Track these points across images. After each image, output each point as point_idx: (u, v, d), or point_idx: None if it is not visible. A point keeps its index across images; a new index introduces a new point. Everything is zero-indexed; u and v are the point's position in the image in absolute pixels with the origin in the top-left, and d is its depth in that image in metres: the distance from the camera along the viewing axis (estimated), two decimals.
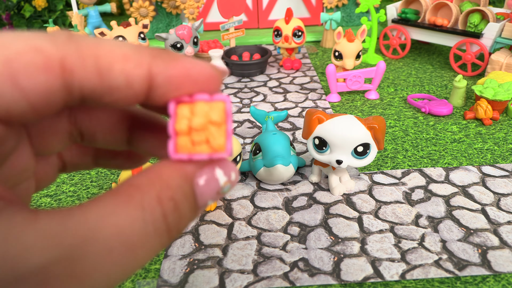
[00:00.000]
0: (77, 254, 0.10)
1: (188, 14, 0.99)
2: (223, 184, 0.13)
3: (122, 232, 0.11)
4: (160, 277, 0.40)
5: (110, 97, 0.11)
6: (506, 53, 0.75)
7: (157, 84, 0.12)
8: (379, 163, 0.56)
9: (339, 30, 0.74)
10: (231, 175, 0.13)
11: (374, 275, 0.39)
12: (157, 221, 0.12)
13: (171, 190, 0.12)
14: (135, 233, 0.11)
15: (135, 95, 0.12)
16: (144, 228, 0.11)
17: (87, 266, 0.10)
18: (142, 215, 0.11)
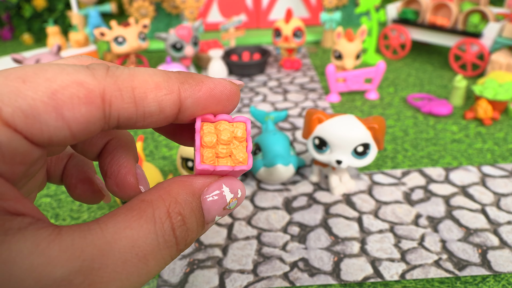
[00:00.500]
0: (96, 265, 0.11)
1: (188, 14, 0.99)
2: (230, 200, 0.14)
3: (136, 244, 0.12)
4: (160, 277, 0.40)
5: (143, 122, 0.13)
6: (506, 53, 0.75)
7: (186, 107, 0.13)
8: (379, 163, 0.56)
9: (339, 30, 0.74)
10: (238, 192, 0.14)
11: (374, 275, 0.39)
12: (166, 234, 0.12)
13: (179, 206, 0.13)
14: (147, 245, 0.12)
15: (166, 118, 0.13)
16: (156, 240, 0.12)
17: (104, 276, 0.11)
18: (153, 228, 0.12)
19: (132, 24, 0.80)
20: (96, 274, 0.11)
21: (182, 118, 0.13)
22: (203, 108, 0.13)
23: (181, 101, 0.13)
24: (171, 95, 0.13)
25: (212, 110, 0.14)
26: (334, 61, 0.76)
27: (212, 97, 0.13)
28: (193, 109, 0.13)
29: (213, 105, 0.14)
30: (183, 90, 0.13)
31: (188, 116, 0.13)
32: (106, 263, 0.11)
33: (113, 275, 0.11)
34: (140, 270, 0.12)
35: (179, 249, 0.13)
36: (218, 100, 0.14)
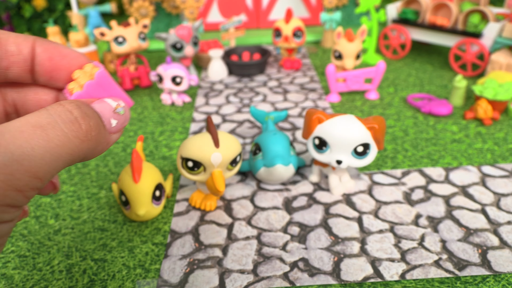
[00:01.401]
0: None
1: (188, 14, 0.99)
2: (116, 106, 0.17)
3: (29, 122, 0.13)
4: (160, 277, 0.40)
5: (7, 61, 0.16)
6: (506, 53, 0.75)
7: (37, 53, 0.16)
8: (379, 163, 0.56)
9: (339, 30, 0.74)
10: (120, 102, 0.17)
11: (374, 275, 0.39)
12: (62, 113, 0.14)
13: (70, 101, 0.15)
14: (41, 119, 0.14)
15: (25, 60, 0.16)
16: (50, 117, 0.14)
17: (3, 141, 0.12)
18: (46, 112, 0.14)
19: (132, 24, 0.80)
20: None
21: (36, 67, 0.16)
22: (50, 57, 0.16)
23: (34, 48, 0.16)
24: (27, 42, 0.16)
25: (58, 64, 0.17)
26: (334, 61, 0.76)
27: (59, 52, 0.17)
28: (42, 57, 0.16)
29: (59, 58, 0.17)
30: (38, 40, 0.17)
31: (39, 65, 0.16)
32: (3, 132, 0.13)
33: (10, 139, 0.12)
34: (38, 137, 0.13)
35: (84, 129, 0.14)
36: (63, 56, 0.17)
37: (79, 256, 0.43)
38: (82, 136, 0.14)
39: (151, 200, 0.45)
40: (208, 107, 0.75)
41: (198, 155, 0.42)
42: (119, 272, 0.41)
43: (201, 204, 0.49)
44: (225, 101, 0.76)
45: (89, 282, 0.40)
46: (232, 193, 0.51)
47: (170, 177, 0.52)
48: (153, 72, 0.72)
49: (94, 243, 0.44)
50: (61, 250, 0.44)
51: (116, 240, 0.45)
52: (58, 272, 0.41)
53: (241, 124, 0.68)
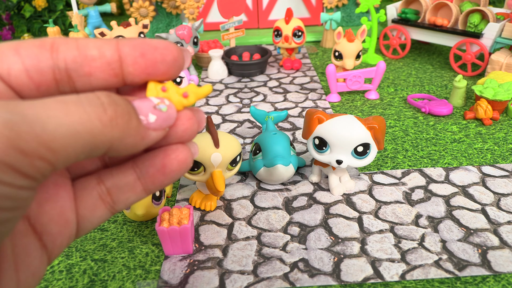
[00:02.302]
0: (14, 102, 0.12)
1: (188, 14, 0.99)
2: (157, 102, 0.16)
3: (57, 97, 0.13)
4: (161, 278, 0.40)
5: (89, 67, 0.15)
6: (506, 53, 0.75)
7: (125, 54, 0.15)
8: (379, 163, 0.56)
9: (339, 30, 0.73)
10: (164, 100, 0.16)
11: (374, 275, 0.39)
12: (90, 98, 0.14)
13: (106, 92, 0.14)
14: (68, 98, 0.13)
15: (109, 64, 0.15)
16: (77, 99, 0.13)
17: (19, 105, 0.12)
18: (76, 96, 0.14)
19: (132, 24, 0.80)
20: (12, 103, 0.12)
21: (128, 69, 0.15)
22: (142, 54, 0.15)
23: (119, 49, 0.15)
24: (110, 44, 0.15)
25: (152, 57, 0.15)
26: (334, 61, 0.76)
27: (148, 45, 0.15)
28: (132, 56, 0.15)
29: (151, 51, 0.15)
30: (121, 41, 0.15)
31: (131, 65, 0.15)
32: (23, 102, 0.12)
33: (28, 106, 0.12)
34: (58, 109, 0.12)
35: (109, 114, 0.14)
36: (155, 48, 0.15)
37: (79, 256, 0.43)
38: (106, 120, 0.14)
39: (151, 200, 0.45)
40: (208, 107, 0.74)
41: (198, 155, 0.42)
42: (119, 272, 0.41)
43: (201, 204, 0.49)
44: (225, 101, 0.76)
45: (89, 282, 0.40)
46: (232, 193, 0.51)
47: None
48: None
49: (94, 243, 0.44)
50: None
51: (116, 240, 0.45)
52: (58, 272, 0.41)
53: (241, 124, 0.68)
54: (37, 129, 0.12)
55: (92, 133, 0.13)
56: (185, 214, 0.41)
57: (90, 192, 0.17)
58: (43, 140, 0.12)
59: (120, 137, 0.14)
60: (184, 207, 0.42)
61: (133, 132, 0.15)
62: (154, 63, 0.16)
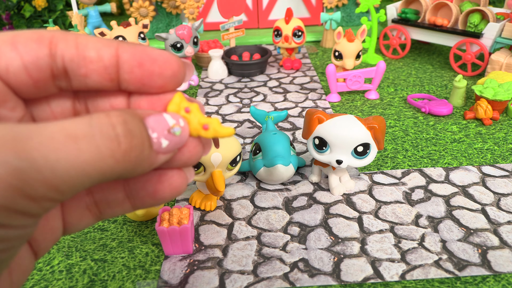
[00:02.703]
0: (20, 136, 0.11)
1: (188, 14, 0.99)
2: (172, 125, 0.15)
3: (66, 127, 0.12)
4: (160, 278, 0.40)
5: (86, 69, 0.14)
6: (506, 53, 0.75)
7: (123, 60, 0.14)
8: (379, 163, 0.56)
9: (339, 30, 0.73)
10: (179, 121, 0.15)
11: (374, 275, 0.39)
12: (104, 126, 0.13)
13: (120, 112, 0.14)
14: (78, 129, 0.12)
15: (106, 68, 0.14)
16: (89, 128, 0.12)
17: (27, 144, 0.11)
18: (88, 121, 0.13)
19: (132, 24, 0.80)
20: (18, 142, 0.11)
21: (124, 75, 0.15)
22: (139, 64, 0.15)
23: (118, 54, 0.14)
24: (109, 47, 0.14)
25: (149, 69, 0.15)
26: (334, 61, 0.76)
27: (148, 56, 0.15)
28: (129, 64, 0.15)
29: (149, 63, 0.15)
30: (121, 46, 0.15)
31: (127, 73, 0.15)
32: (31, 136, 0.11)
33: (36, 145, 0.11)
34: (68, 149, 0.12)
35: (123, 148, 0.13)
36: (154, 60, 0.15)
37: (79, 256, 0.43)
38: (119, 156, 0.13)
39: None
40: (208, 107, 0.74)
41: None
42: (119, 272, 0.41)
43: (201, 204, 0.49)
44: (225, 101, 0.76)
45: (89, 282, 0.40)
46: (232, 193, 0.51)
47: None
48: None
49: (94, 243, 0.44)
50: (61, 250, 0.44)
51: (116, 240, 0.45)
52: (58, 272, 0.41)
53: (241, 124, 0.68)
54: (46, 174, 0.11)
55: (103, 171, 0.13)
56: (185, 214, 0.41)
57: (78, 203, 0.16)
58: (53, 184, 0.12)
59: (131, 169, 0.13)
60: (184, 207, 0.42)
61: (145, 162, 0.14)
62: (151, 75, 0.15)
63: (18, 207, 0.11)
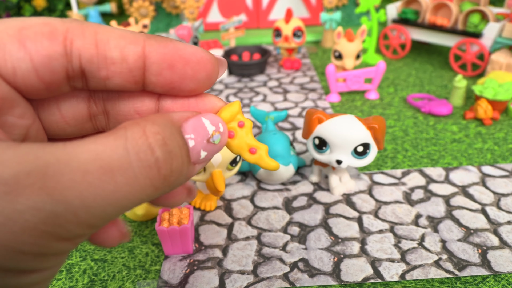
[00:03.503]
0: (50, 171, 0.10)
1: (188, 14, 0.99)
2: (212, 133, 0.13)
3: (100, 157, 0.10)
4: (160, 278, 0.40)
5: (106, 71, 0.12)
6: (506, 53, 0.75)
7: (151, 61, 0.12)
8: (379, 163, 0.56)
9: (339, 30, 0.73)
10: (219, 126, 0.14)
11: (374, 275, 0.39)
12: (141, 151, 0.11)
13: (157, 126, 0.12)
14: (114, 158, 0.11)
15: (130, 70, 0.12)
16: (126, 155, 0.11)
17: (59, 183, 0.10)
18: (124, 143, 0.11)
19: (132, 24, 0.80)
20: (49, 179, 0.10)
21: (150, 78, 0.13)
22: (169, 65, 0.13)
23: (145, 54, 0.12)
24: (135, 45, 0.12)
25: (181, 72, 0.13)
26: (334, 61, 0.76)
27: (180, 57, 0.13)
28: (158, 66, 0.13)
29: (181, 65, 0.13)
30: (149, 43, 0.12)
31: (154, 74, 0.13)
32: (62, 171, 0.10)
33: (70, 183, 0.10)
34: (105, 184, 0.10)
35: (163, 174, 0.11)
36: (186, 61, 0.13)
37: (79, 256, 0.43)
38: (159, 183, 0.11)
39: None
40: None
41: None
42: (119, 272, 0.41)
43: (201, 204, 0.49)
44: (225, 101, 0.76)
45: (89, 282, 0.40)
46: (232, 193, 0.51)
47: None
48: None
49: None
50: None
51: None
52: (58, 272, 0.41)
53: None
54: (81, 216, 0.10)
55: (141, 201, 0.11)
56: (185, 214, 0.41)
57: None
58: (88, 224, 0.11)
59: (168, 191, 0.12)
60: (184, 207, 0.42)
61: (181, 179, 0.13)
62: (183, 79, 0.13)
63: (52, 251, 0.10)
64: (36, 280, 0.11)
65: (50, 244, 0.10)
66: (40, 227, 0.10)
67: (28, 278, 0.10)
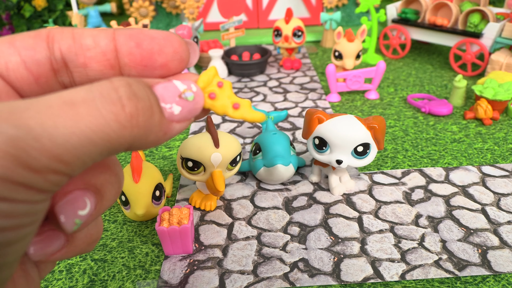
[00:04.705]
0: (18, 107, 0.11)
1: (188, 14, 0.99)
2: (183, 90, 0.14)
3: (63, 95, 0.11)
4: (160, 278, 0.40)
5: (84, 57, 0.14)
6: (506, 53, 0.75)
7: (120, 43, 0.14)
8: (379, 163, 0.56)
9: (339, 30, 0.73)
10: (191, 86, 0.14)
11: (374, 275, 0.39)
12: (105, 90, 0.12)
13: (125, 77, 0.13)
14: (76, 95, 0.11)
15: (104, 54, 0.14)
16: (89, 93, 0.12)
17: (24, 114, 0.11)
18: (88, 87, 0.12)
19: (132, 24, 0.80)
20: (15, 112, 0.11)
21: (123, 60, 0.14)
22: (137, 44, 0.14)
23: (115, 38, 0.14)
24: (105, 33, 0.14)
25: (148, 48, 0.14)
26: (334, 61, 0.76)
27: (145, 35, 0.14)
28: (127, 46, 0.14)
29: (147, 42, 0.14)
30: (117, 30, 0.14)
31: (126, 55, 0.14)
32: (29, 107, 0.11)
33: (33, 114, 0.11)
34: (66, 114, 0.11)
35: (128, 112, 0.12)
36: (152, 38, 0.14)
37: (79, 256, 0.43)
38: (124, 120, 0.12)
39: (151, 200, 0.45)
40: None
41: (198, 155, 0.42)
42: (119, 272, 0.41)
43: (201, 204, 0.49)
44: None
45: (89, 282, 0.40)
46: (232, 193, 0.51)
47: (170, 177, 0.52)
48: None
49: None
50: None
51: (116, 240, 0.45)
52: (58, 272, 0.41)
53: (241, 124, 0.68)
54: (45, 143, 0.11)
55: (109, 138, 0.12)
56: (185, 214, 0.41)
57: None
58: (54, 153, 0.11)
59: (141, 136, 0.13)
60: (184, 207, 0.42)
61: (155, 128, 0.13)
62: (151, 54, 0.14)
63: (21, 179, 0.11)
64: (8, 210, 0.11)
65: (17, 169, 0.10)
66: (3, 148, 0.10)
67: None
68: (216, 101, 0.16)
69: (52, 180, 0.11)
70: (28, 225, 0.12)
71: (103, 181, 0.15)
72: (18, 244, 0.12)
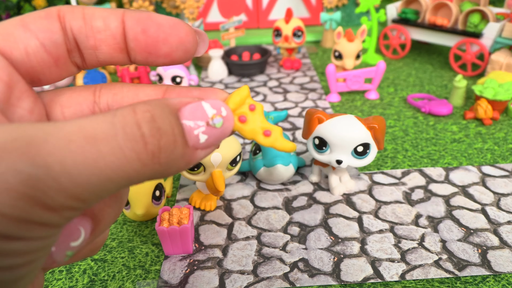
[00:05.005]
0: (35, 139, 0.10)
1: (188, 14, 0.99)
2: (212, 115, 0.13)
3: (85, 128, 0.11)
4: (160, 278, 0.40)
5: (94, 39, 0.14)
6: (506, 53, 0.75)
7: (128, 27, 0.14)
8: (379, 163, 0.56)
9: (339, 30, 0.73)
10: (221, 110, 0.13)
11: (374, 275, 0.39)
12: (128, 126, 0.11)
13: (149, 106, 0.12)
14: (99, 130, 0.11)
15: (114, 37, 0.14)
16: (111, 128, 0.11)
17: (41, 149, 0.10)
18: (111, 119, 0.11)
19: None
20: (33, 146, 0.10)
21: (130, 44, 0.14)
22: (143, 30, 0.14)
23: (124, 21, 0.14)
24: (115, 15, 0.14)
25: (154, 35, 0.14)
26: (334, 61, 0.76)
27: (153, 21, 0.14)
28: (134, 31, 0.14)
29: (154, 29, 0.14)
30: (127, 12, 0.14)
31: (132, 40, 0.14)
32: (47, 139, 0.10)
33: (52, 150, 0.10)
34: (87, 152, 0.10)
35: (150, 150, 0.11)
36: (159, 25, 0.14)
37: None
38: (146, 159, 0.11)
39: (151, 200, 0.45)
40: None
41: None
42: (119, 272, 0.41)
43: (201, 204, 0.49)
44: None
45: (89, 282, 0.40)
46: (232, 193, 0.51)
47: (170, 177, 0.52)
48: (153, 72, 0.72)
49: None
50: None
51: (116, 240, 0.45)
52: (58, 272, 0.41)
53: None
54: (64, 182, 0.10)
55: (128, 176, 0.11)
56: (185, 214, 0.41)
57: None
58: (72, 193, 0.10)
59: (163, 171, 0.12)
60: (184, 207, 0.42)
61: (179, 161, 0.12)
62: (156, 42, 0.14)
63: (36, 218, 0.10)
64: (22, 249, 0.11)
65: (33, 209, 0.10)
66: (20, 189, 0.10)
67: (12, 244, 0.10)
68: (246, 125, 0.14)
69: (67, 216, 0.11)
70: (41, 258, 0.12)
71: (102, 205, 0.14)
72: (32, 274, 0.12)
